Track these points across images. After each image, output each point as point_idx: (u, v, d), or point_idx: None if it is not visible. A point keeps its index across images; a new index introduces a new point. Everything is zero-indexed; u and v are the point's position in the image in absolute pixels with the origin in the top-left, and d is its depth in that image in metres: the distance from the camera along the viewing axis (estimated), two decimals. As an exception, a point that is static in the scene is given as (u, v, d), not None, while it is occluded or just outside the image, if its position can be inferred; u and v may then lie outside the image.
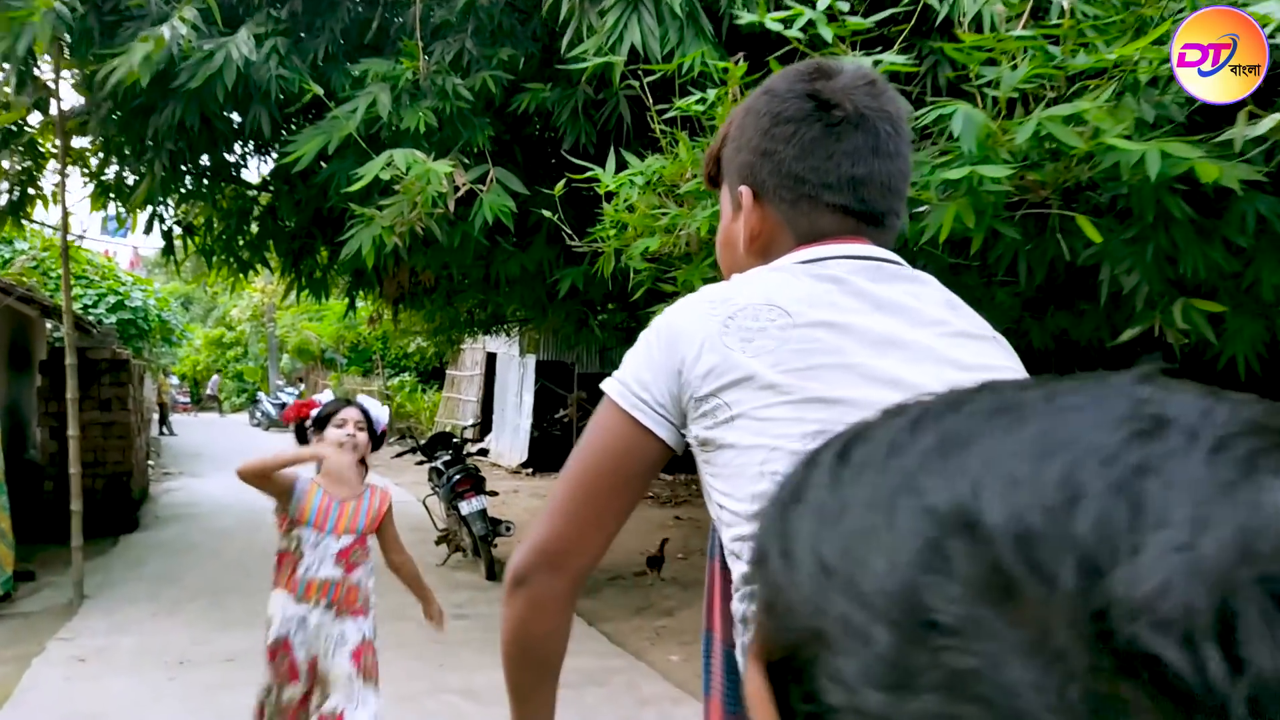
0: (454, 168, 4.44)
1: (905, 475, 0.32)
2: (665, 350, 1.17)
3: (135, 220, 6.78)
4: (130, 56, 4.50)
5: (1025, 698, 0.27)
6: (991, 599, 0.29)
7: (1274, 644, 0.26)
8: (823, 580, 0.32)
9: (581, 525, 1.18)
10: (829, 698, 0.31)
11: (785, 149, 1.21)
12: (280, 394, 26.31)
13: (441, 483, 8.23)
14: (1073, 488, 0.29)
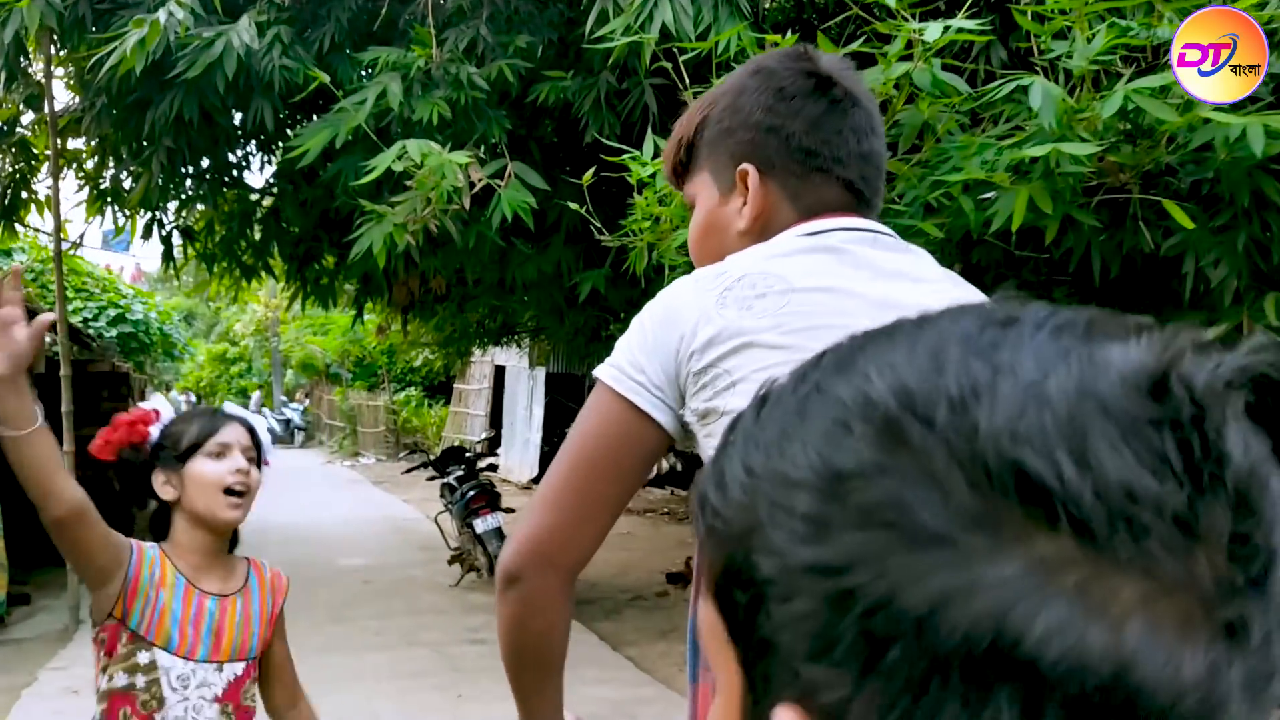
0: (471, 159, 4.13)
1: (811, 387, 0.38)
2: (660, 330, 1.16)
3: (134, 226, 6.49)
4: (124, 42, 4.20)
5: (920, 516, 0.33)
6: (886, 446, 0.34)
7: (1112, 450, 0.32)
8: (750, 483, 0.38)
9: (575, 518, 1.15)
10: (763, 572, 0.36)
11: (793, 123, 1.22)
12: (284, 409, 26.03)
13: (455, 499, 7.90)
14: (940, 360, 0.35)
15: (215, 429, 1.84)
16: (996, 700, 0.31)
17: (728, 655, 0.40)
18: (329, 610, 7.21)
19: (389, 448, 20.53)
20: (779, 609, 0.35)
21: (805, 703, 0.35)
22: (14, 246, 11.64)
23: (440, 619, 6.92)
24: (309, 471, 18.64)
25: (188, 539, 1.82)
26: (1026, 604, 0.31)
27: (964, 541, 0.32)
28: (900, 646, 0.32)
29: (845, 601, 0.33)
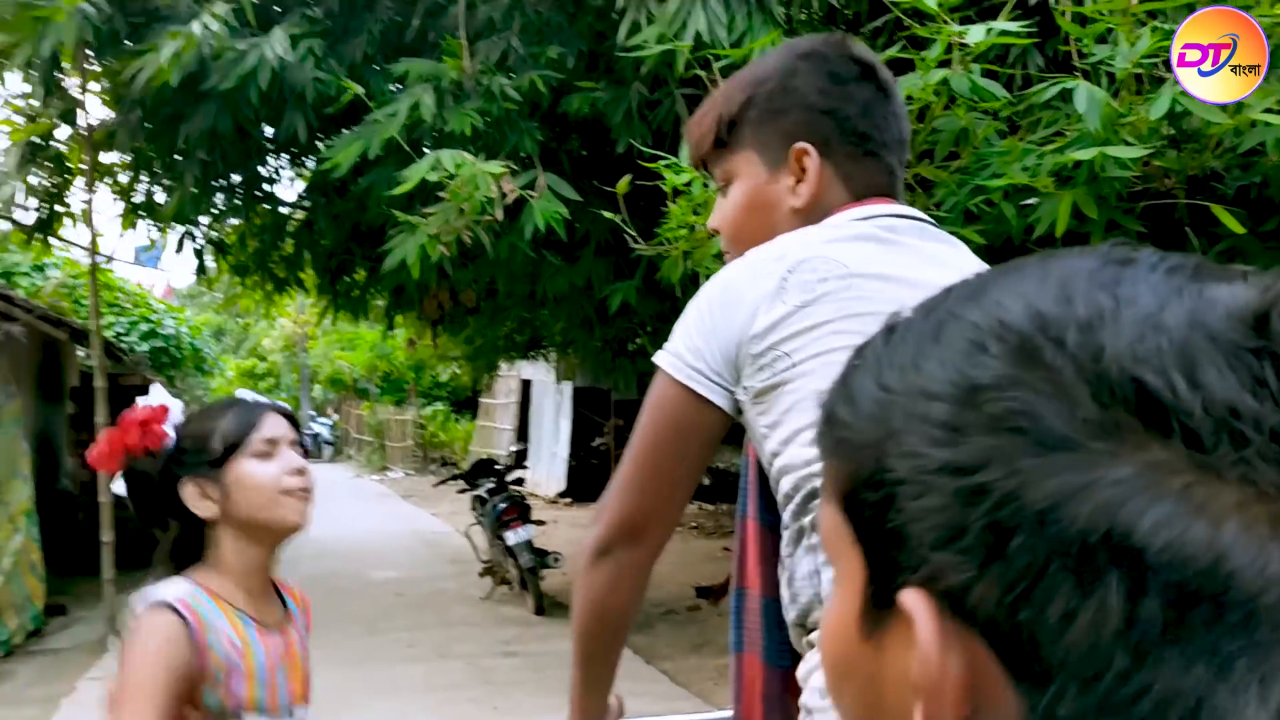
0: (504, 170, 4.12)
1: (944, 315, 0.42)
2: (720, 313, 1.18)
3: (166, 239, 6.55)
4: (159, 55, 4.23)
5: (1049, 422, 0.36)
6: (1020, 362, 0.38)
7: (1219, 373, 0.36)
8: (884, 397, 0.41)
9: (654, 499, 1.22)
10: (896, 473, 0.40)
11: (848, 107, 1.26)
12: (312, 424, 26.18)
13: (485, 511, 7.88)
14: (1068, 290, 0.39)
15: (255, 422, 1.50)
16: (1107, 583, 0.35)
17: (852, 553, 0.43)
18: (362, 622, 7.21)
19: (417, 462, 20.59)
20: (911, 505, 0.39)
21: (929, 586, 0.39)
22: (48, 261, 11.79)
23: (473, 631, 6.90)
24: (338, 486, 18.72)
25: (240, 560, 1.48)
26: (1138, 501, 0.35)
27: (1087, 446, 0.36)
28: (1023, 535, 0.36)
29: (975, 496, 0.37)
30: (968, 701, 0.38)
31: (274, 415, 1.54)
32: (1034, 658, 0.37)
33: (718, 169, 1.36)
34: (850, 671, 0.45)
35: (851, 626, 0.44)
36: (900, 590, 0.40)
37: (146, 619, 1.40)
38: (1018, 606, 0.37)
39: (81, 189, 6.34)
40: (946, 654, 0.38)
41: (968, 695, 0.38)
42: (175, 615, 1.39)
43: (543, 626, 7.04)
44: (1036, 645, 0.37)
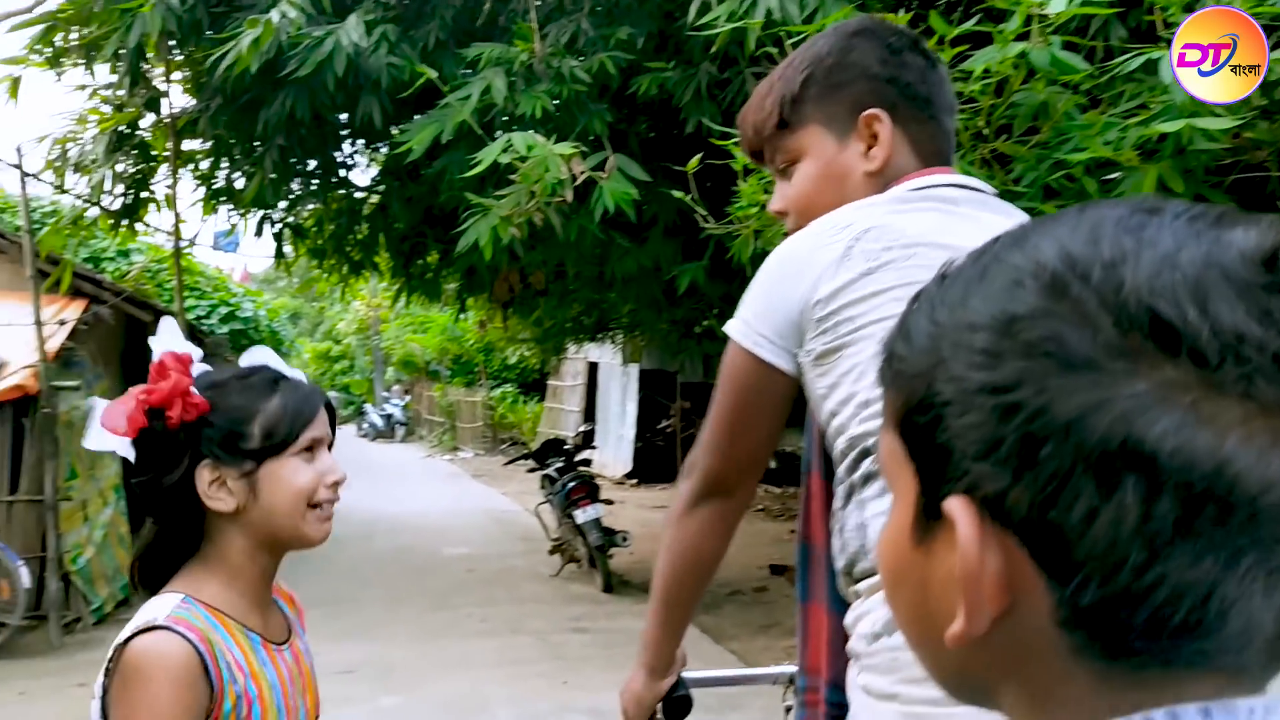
0: (575, 151, 4.15)
1: (990, 258, 0.48)
2: (785, 280, 1.24)
3: (246, 224, 6.72)
4: (239, 42, 4.34)
5: (1074, 346, 0.42)
6: (1050, 296, 0.43)
7: (1228, 304, 0.41)
8: (935, 331, 0.47)
9: (738, 454, 1.32)
10: (943, 396, 0.45)
11: (908, 74, 1.32)
12: (386, 405, 26.65)
13: (555, 490, 7.97)
14: (1097, 234, 0.44)
15: (310, 415, 1.26)
16: (1124, 486, 0.40)
17: (905, 472, 0.49)
18: (435, 597, 7.37)
19: (486, 442, 20.85)
20: (955, 422, 0.45)
21: (970, 494, 0.44)
22: (132, 247, 12.17)
23: (542, 608, 7.00)
24: (411, 465, 19.08)
25: (250, 565, 1.24)
26: (1151, 413, 0.40)
27: (1107, 366, 0.41)
28: (1052, 445, 0.41)
29: (1010, 413, 0.42)
30: (1006, 593, 0.44)
31: (322, 409, 1.29)
32: (1061, 553, 0.42)
33: (780, 151, 1.40)
34: (904, 577, 0.50)
35: (905, 537, 0.49)
36: (945, 499, 0.45)
37: (149, 653, 1.11)
38: (1047, 508, 0.42)
39: (165, 176, 6.54)
40: (985, 552, 0.44)
41: (1005, 588, 0.44)
42: (186, 645, 1.12)
43: (611, 604, 7.12)
44: (1063, 542, 0.42)
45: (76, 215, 6.66)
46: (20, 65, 5.53)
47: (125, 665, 1.11)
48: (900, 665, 1.13)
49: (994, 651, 0.46)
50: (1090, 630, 0.43)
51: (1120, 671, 0.43)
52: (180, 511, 1.22)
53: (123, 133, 6.15)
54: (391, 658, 5.73)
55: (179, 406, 1.19)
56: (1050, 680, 0.45)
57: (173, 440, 1.20)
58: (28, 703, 5.14)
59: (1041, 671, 0.45)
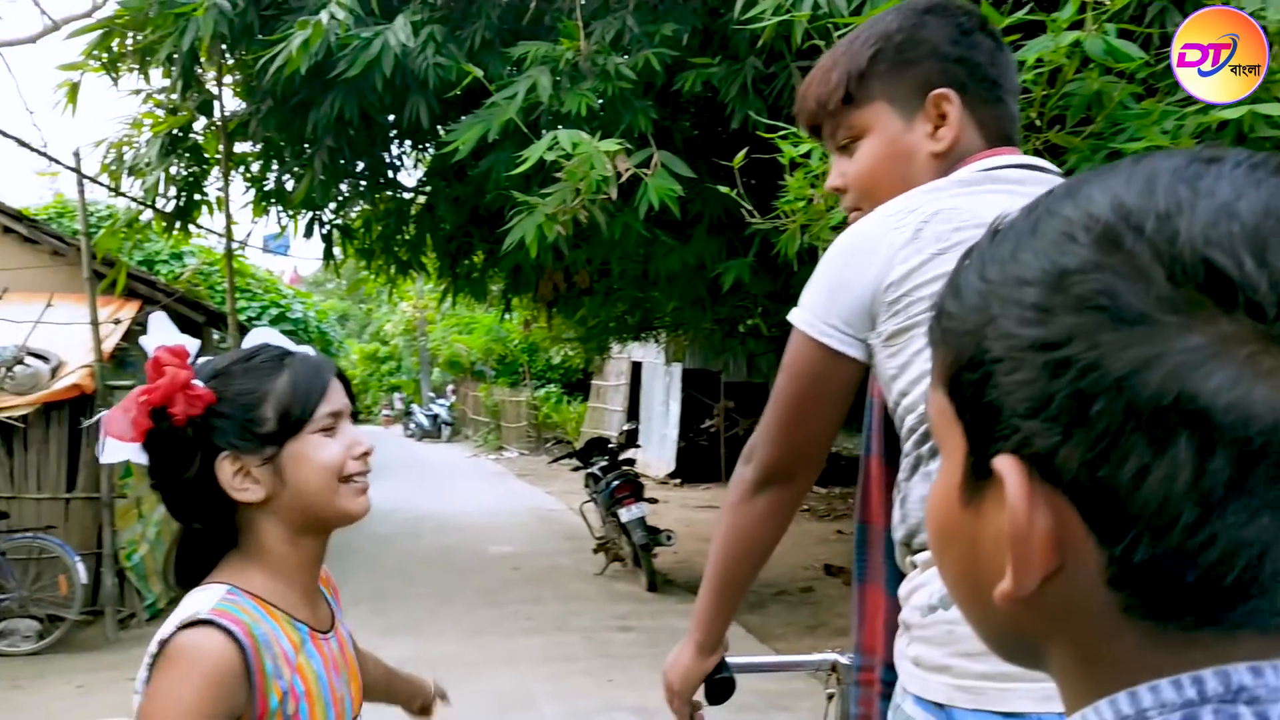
0: (620, 148, 4.15)
1: (1042, 211, 0.46)
2: (852, 266, 1.23)
3: (296, 226, 6.81)
4: (289, 44, 4.40)
5: (1127, 300, 0.41)
6: (1103, 249, 0.42)
7: None
8: (985, 288, 0.46)
9: (800, 443, 1.31)
10: (993, 353, 0.44)
11: (978, 55, 1.31)
12: (432, 405, 26.88)
13: (599, 489, 7.98)
14: (1152, 185, 0.43)
15: (323, 389, 1.20)
16: (1177, 442, 0.39)
17: (954, 431, 0.48)
18: (481, 595, 7.41)
19: (531, 442, 20.94)
20: (1005, 380, 0.44)
21: (1020, 452, 0.43)
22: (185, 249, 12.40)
23: (588, 606, 7.01)
24: (456, 464, 19.22)
25: (291, 554, 1.19)
26: (1206, 368, 0.39)
27: (1160, 320, 0.40)
28: (1103, 401, 0.40)
29: (1061, 369, 0.41)
30: (1056, 554, 0.43)
31: (336, 381, 1.23)
32: (1112, 512, 0.41)
33: (842, 127, 1.37)
34: (952, 536, 0.50)
35: (954, 496, 0.49)
36: (994, 458, 0.45)
37: (187, 647, 1.06)
38: (1097, 466, 0.41)
39: (216, 178, 6.65)
40: (1034, 510, 0.43)
41: (1055, 548, 0.43)
42: (226, 638, 1.07)
43: (656, 603, 7.11)
44: (1114, 501, 0.41)
45: (132, 218, 6.80)
46: (78, 71, 5.66)
47: (164, 657, 1.07)
48: (955, 639, 1.14)
49: (1042, 611, 0.45)
50: (1140, 589, 0.42)
51: (1170, 631, 0.43)
52: (209, 508, 1.17)
53: (176, 136, 6.27)
54: (438, 654, 5.77)
55: (181, 402, 1.13)
56: (1099, 639, 0.44)
57: (182, 437, 1.14)
58: (85, 695, 5.25)
59: (1090, 630, 0.44)
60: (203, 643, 1.06)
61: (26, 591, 6.20)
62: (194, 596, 1.13)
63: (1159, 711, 0.42)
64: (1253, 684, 0.41)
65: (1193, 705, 0.41)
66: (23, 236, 7.92)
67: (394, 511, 11.25)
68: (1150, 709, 0.42)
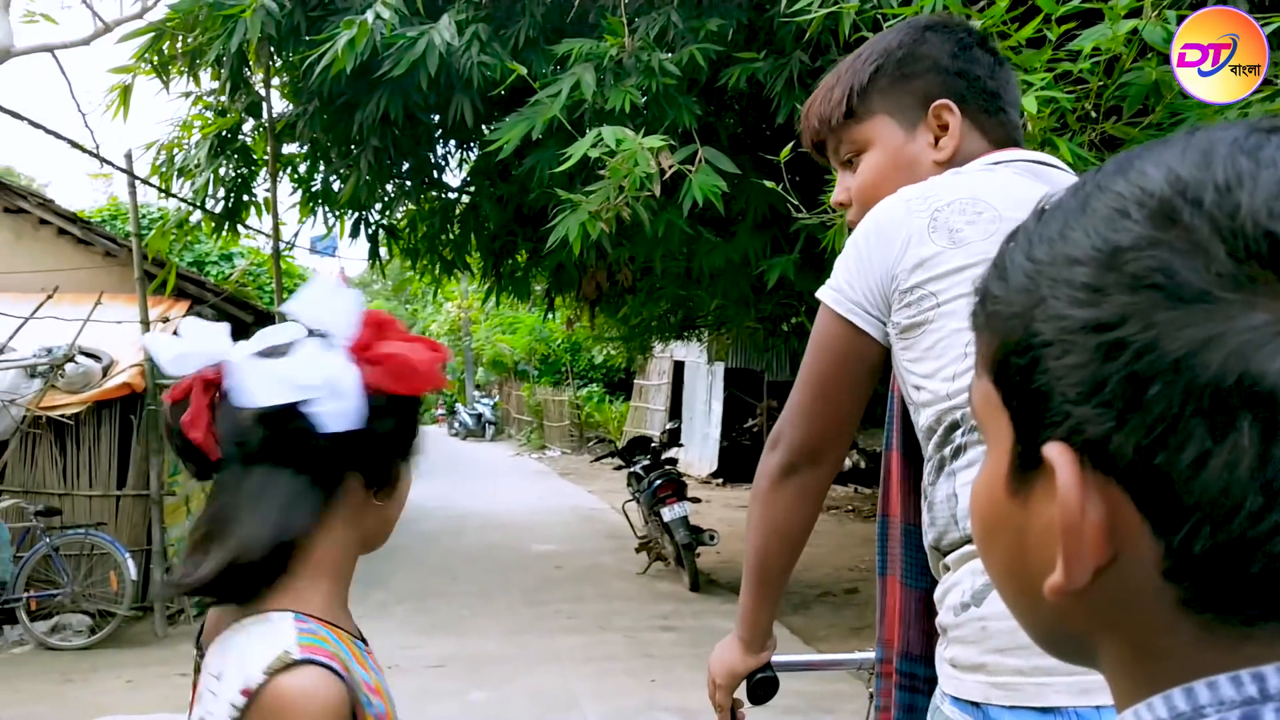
0: (664, 144, 4.12)
1: (1092, 188, 0.44)
2: (875, 248, 1.24)
3: (342, 227, 6.86)
4: (335, 43, 4.43)
5: (1185, 277, 0.39)
6: (1159, 224, 0.40)
7: None
8: (1033, 268, 0.44)
9: (828, 422, 1.31)
10: (1043, 336, 0.42)
11: (977, 68, 1.35)
12: (476, 405, 27.05)
13: (641, 488, 7.95)
14: (1209, 157, 0.40)
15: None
16: (1239, 426, 0.37)
17: (1000, 418, 0.46)
18: (524, 593, 7.42)
19: (573, 441, 20.99)
20: (1055, 364, 0.42)
21: (1071, 439, 0.42)
22: (234, 251, 12.57)
23: (630, 605, 6.99)
24: (499, 463, 19.32)
25: (350, 567, 1.09)
26: (1270, 348, 0.37)
27: (1221, 298, 0.38)
28: (1160, 384, 0.38)
29: (1115, 351, 0.39)
30: (1109, 545, 0.41)
31: None
32: (1170, 500, 0.39)
33: (845, 142, 1.42)
34: (999, 527, 0.48)
35: (1000, 486, 0.47)
36: (1044, 445, 0.43)
37: (295, 694, 0.92)
38: (1154, 452, 0.39)
39: (264, 180, 6.72)
40: (1086, 500, 0.41)
41: (1108, 539, 0.41)
42: (333, 678, 0.94)
43: (698, 602, 7.07)
44: (1172, 488, 0.39)
45: (181, 219, 6.90)
46: (129, 74, 5.74)
47: (264, 711, 0.91)
48: (989, 635, 1.13)
49: (1094, 604, 0.43)
50: (1199, 581, 0.40)
51: (1229, 625, 0.41)
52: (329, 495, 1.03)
53: (224, 137, 6.34)
54: (481, 652, 5.78)
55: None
56: (1153, 634, 0.42)
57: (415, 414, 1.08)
58: (134, 690, 5.32)
59: (1144, 625, 0.42)
60: (314, 689, 0.92)
61: (78, 587, 6.30)
62: (260, 629, 0.96)
63: (1216, 709, 0.39)
64: None
65: (1253, 703, 0.39)
66: (76, 238, 8.07)
67: (438, 509, 11.32)
68: (1208, 706, 0.40)
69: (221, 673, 0.95)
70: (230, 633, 0.99)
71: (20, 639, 6.25)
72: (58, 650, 6.10)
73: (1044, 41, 3.05)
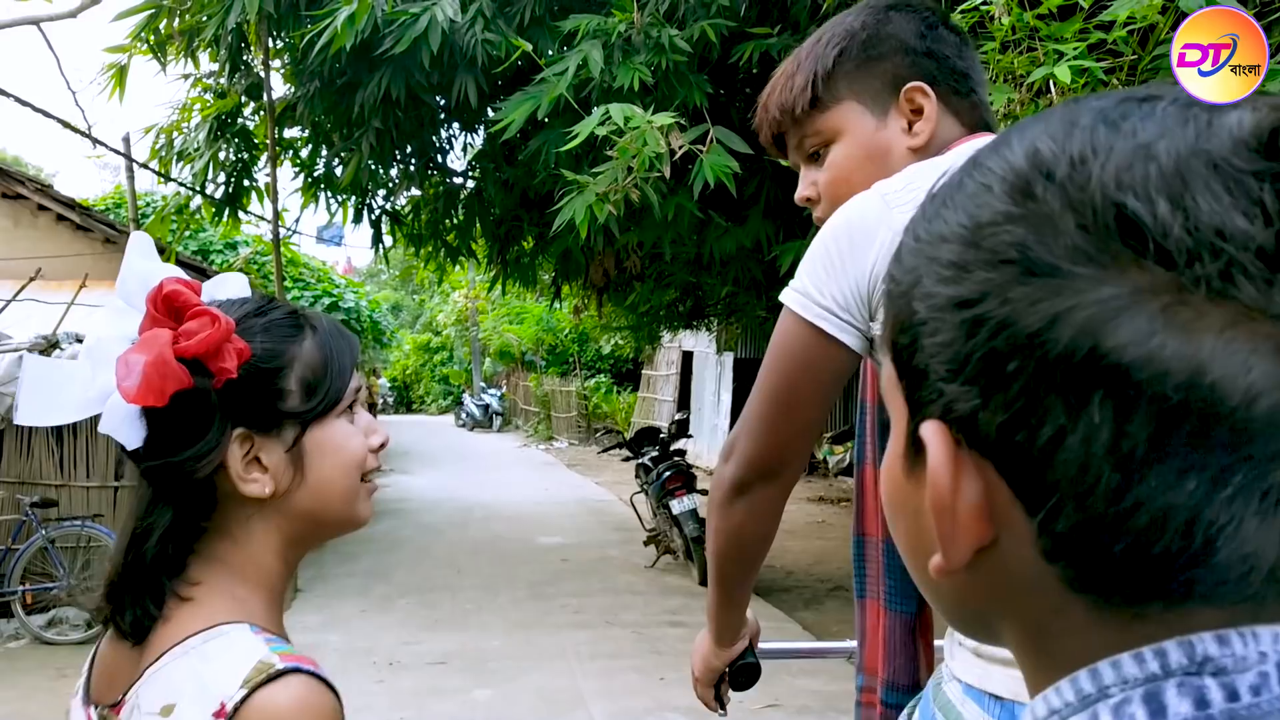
0: (673, 122, 3.97)
1: (971, 164, 0.44)
2: (849, 248, 1.15)
3: (345, 213, 6.72)
4: (335, 19, 4.28)
5: (1037, 252, 0.38)
6: (1015, 199, 0.40)
7: (1211, 196, 0.36)
8: (915, 247, 0.44)
9: (786, 437, 1.22)
10: (919, 315, 0.42)
11: (945, 47, 1.27)
12: (483, 395, 26.96)
13: (650, 480, 7.82)
14: (1071, 128, 0.40)
15: (355, 360, 0.98)
16: (1092, 402, 0.37)
17: (898, 397, 0.46)
18: (530, 586, 7.29)
19: (580, 432, 20.88)
20: (928, 342, 0.42)
21: (946, 417, 0.42)
22: (238, 239, 12.47)
23: (638, 600, 6.86)
24: (507, 454, 19.22)
25: (282, 567, 0.94)
26: (1118, 321, 0.36)
27: (1071, 272, 0.38)
28: (1016, 360, 0.39)
29: (976, 327, 0.40)
30: (988, 525, 0.41)
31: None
32: (1033, 477, 0.39)
33: (810, 135, 1.32)
34: (901, 508, 0.48)
35: (899, 466, 0.47)
36: (921, 424, 0.43)
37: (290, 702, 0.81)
38: (1014, 429, 0.39)
39: (266, 164, 6.57)
40: (961, 479, 0.41)
41: (987, 519, 0.41)
42: (325, 687, 0.84)
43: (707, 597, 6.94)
44: (1034, 465, 0.39)
45: (181, 204, 6.76)
46: (124, 54, 5.60)
47: None
48: None
49: (986, 584, 0.43)
50: (1073, 561, 0.40)
51: (1116, 605, 0.40)
52: (198, 504, 0.89)
53: (224, 120, 6.20)
54: (485, 648, 5.65)
55: (231, 356, 0.86)
56: (1047, 614, 0.42)
57: (206, 405, 0.87)
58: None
59: (1037, 604, 0.42)
60: (309, 700, 0.81)
61: (75, 580, 6.19)
62: (208, 647, 0.84)
63: (1120, 688, 0.39)
64: (1218, 654, 0.38)
65: (1156, 680, 0.38)
66: (75, 224, 7.96)
67: (444, 501, 11.21)
68: (1112, 686, 0.39)
69: (172, 703, 0.81)
70: (168, 659, 0.84)
71: (16, 633, 6.14)
72: (54, 644, 6.00)
73: (1076, 10, 2.90)
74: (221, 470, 0.88)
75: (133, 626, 0.87)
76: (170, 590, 0.87)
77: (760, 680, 1.48)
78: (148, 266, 0.91)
